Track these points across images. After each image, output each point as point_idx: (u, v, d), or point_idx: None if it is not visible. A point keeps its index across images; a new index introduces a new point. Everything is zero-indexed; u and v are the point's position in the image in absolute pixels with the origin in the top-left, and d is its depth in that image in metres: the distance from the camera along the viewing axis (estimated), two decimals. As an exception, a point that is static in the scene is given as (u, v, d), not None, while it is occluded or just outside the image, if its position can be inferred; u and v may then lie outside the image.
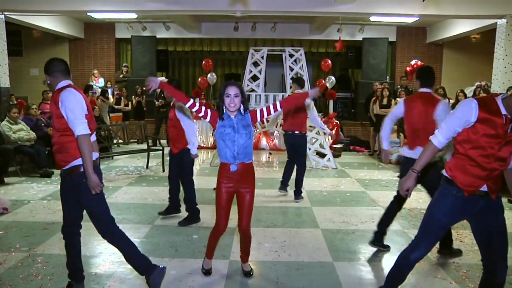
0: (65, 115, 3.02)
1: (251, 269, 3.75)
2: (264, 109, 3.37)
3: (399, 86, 11.81)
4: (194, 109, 3.31)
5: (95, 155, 3.19)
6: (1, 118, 8.30)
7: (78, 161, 3.09)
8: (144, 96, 12.47)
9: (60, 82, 3.15)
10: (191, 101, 3.31)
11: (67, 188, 3.20)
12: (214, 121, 3.34)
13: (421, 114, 4.02)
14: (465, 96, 8.53)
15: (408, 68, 12.35)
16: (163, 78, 11.45)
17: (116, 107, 12.18)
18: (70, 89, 3.09)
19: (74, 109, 3.02)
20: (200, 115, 3.32)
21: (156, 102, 11.34)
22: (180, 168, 5.29)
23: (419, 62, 12.02)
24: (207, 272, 3.73)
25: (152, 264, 3.33)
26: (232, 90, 3.25)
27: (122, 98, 12.34)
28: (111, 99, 12.18)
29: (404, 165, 4.18)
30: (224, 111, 3.33)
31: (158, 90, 11.41)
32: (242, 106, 3.33)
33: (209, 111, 3.35)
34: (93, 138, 3.25)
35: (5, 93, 9.59)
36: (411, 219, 5.45)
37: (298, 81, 6.27)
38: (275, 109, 3.36)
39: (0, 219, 5.28)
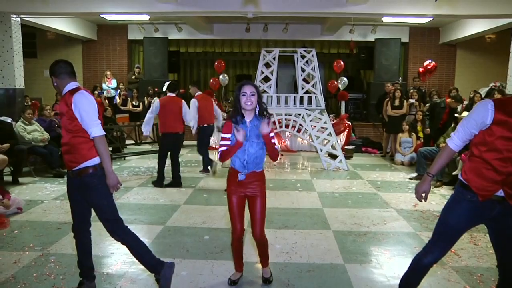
0: (79, 117, 3.06)
1: (271, 274, 3.63)
2: (276, 143, 3.30)
3: (411, 87, 11.71)
4: (224, 146, 3.23)
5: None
6: (16, 119, 8.38)
7: (89, 163, 3.13)
8: (156, 97, 12.52)
9: (68, 84, 3.18)
10: (222, 149, 3.23)
11: (74, 187, 3.23)
12: (230, 130, 3.23)
13: None
14: (481, 97, 8.42)
15: (420, 69, 12.24)
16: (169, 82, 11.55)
17: (122, 108, 12.22)
18: (83, 92, 3.14)
19: (89, 111, 3.08)
20: (228, 141, 3.23)
21: None
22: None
23: (432, 63, 11.87)
24: (232, 282, 3.57)
25: (161, 261, 3.38)
26: (248, 89, 3.20)
27: (128, 99, 12.40)
28: (117, 100, 12.26)
29: None
30: (240, 115, 3.26)
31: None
32: (258, 107, 3.27)
33: (223, 135, 3.26)
34: None
35: (20, 94, 9.70)
36: (424, 221, 5.39)
37: (170, 86, 7.29)
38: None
39: (14, 218, 5.33)
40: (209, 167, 8.05)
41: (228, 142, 3.24)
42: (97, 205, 3.21)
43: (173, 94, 7.21)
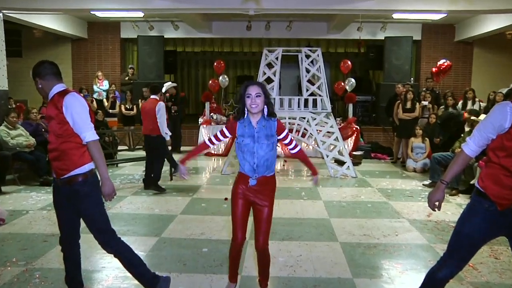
0: (71, 121, 3.06)
1: None
2: (287, 138, 3.37)
3: (424, 89, 11.70)
4: (221, 140, 3.41)
5: (93, 164, 3.23)
6: (-1, 122, 8.37)
7: (80, 170, 3.12)
8: None
9: (55, 86, 3.18)
10: (210, 144, 3.46)
11: (63, 196, 3.21)
12: (234, 132, 3.28)
13: None
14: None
15: (433, 69, 12.24)
16: (169, 83, 11.58)
17: (111, 111, 12.22)
18: (74, 94, 3.14)
19: (82, 114, 3.09)
20: (224, 139, 3.38)
21: (173, 107, 11.47)
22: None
23: (446, 62, 11.86)
24: None
25: (156, 275, 3.39)
26: (253, 90, 3.17)
27: (117, 102, 12.41)
28: (105, 103, 12.27)
29: None
30: (246, 116, 3.25)
31: (168, 95, 11.63)
32: (266, 109, 3.24)
33: (225, 130, 3.34)
34: None
35: (3, 96, 9.64)
36: (438, 232, 5.38)
37: (152, 89, 7.50)
38: (291, 149, 3.46)
39: (-3, 230, 5.32)
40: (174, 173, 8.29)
41: (220, 140, 3.42)
42: (89, 215, 3.20)
43: (156, 97, 7.42)
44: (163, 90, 11.79)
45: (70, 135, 3.09)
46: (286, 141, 3.37)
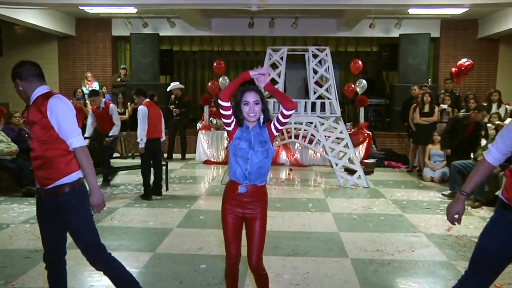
0: (56, 125, 3.07)
1: None
2: (274, 121, 3.30)
3: (442, 91, 11.68)
4: (227, 112, 3.24)
5: (81, 172, 3.23)
6: (-22, 128, 8.38)
7: (67, 179, 3.13)
8: None
9: (38, 88, 3.18)
10: (228, 104, 3.24)
11: (49, 209, 3.20)
12: (234, 131, 3.30)
13: None
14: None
15: (453, 69, 12.23)
16: (176, 84, 11.57)
17: None
18: (60, 96, 3.14)
19: (68, 118, 3.10)
20: (229, 121, 3.27)
21: (175, 110, 11.50)
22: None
23: (467, 62, 11.82)
24: None
25: None
26: (251, 97, 3.20)
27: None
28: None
29: None
30: (244, 122, 3.28)
31: (173, 96, 11.69)
32: (262, 116, 3.28)
33: (234, 119, 3.31)
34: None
35: (-18, 99, 9.68)
36: (460, 248, 5.36)
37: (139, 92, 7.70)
38: (284, 116, 3.26)
39: (-23, 245, 5.33)
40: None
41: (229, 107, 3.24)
42: (76, 228, 3.20)
43: (148, 100, 7.75)
44: (168, 89, 11.86)
45: (55, 141, 3.09)
46: (277, 126, 3.28)
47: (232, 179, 3.31)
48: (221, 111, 3.27)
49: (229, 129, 3.29)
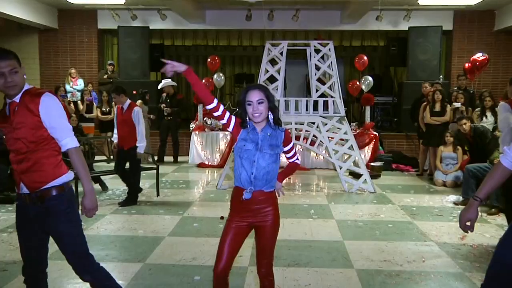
0: (48, 124, 3.06)
1: None
2: (295, 157, 3.56)
3: (455, 88, 11.70)
4: (216, 113, 3.25)
5: (70, 175, 3.23)
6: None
7: (56, 182, 3.12)
8: None
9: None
10: (215, 102, 3.23)
11: (30, 216, 3.16)
12: (237, 131, 3.28)
13: None
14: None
15: (467, 65, 12.24)
16: (168, 81, 11.58)
17: (87, 115, 12.22)
18: (50, 94, 3.12)
19: (62, 118, 3.12)
20: (222, 122, 3.28)
21: (166, 109, 11.50)
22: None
23: (483, 56, 11.79)
24: None
25: None
26: (254, 96, 3.18)
27: (94, 104, 12.41)
28: (80, 106, 12.24)
29: None
30: (249, 123, 3.27)
31: (164, 94, 11.69)
32: (271, 116, 3.26)
33: (233, 117, 3.29)
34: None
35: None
36: (475, 259, 5.36)
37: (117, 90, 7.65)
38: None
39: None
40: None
41: (223, 115, 3.25)
42: (65, 235, 3.18)
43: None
44: (159, 86, 11.87)
45: (45, 141, 3.08)
46: (290, 154, 3.51)
47: (237, 185, 3.30)
48: (213, 114, 3.28)
49: (229, 129, 3.29)
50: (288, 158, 3.52)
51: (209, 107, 3.23)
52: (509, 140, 2.68)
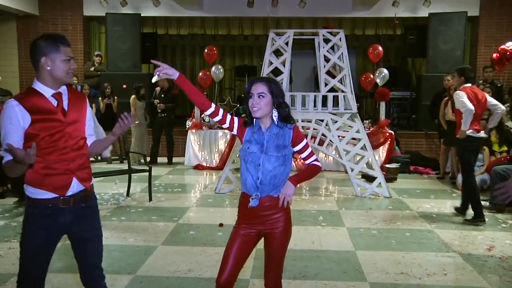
0: (88, 121, 3.35)
1: None
2: (312, 157, 3.43)
3: (481, 81, 11.62)
4: (216, 119, 3.31)
5: None
6: None
7: (92, 180, 3.41)
8: (115, 97, 12.47)
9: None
10: (213, 107, 3.29)
11: (67, 223, 3.16)
12: (242, 133, 3.32)
13: None
14: None
15: (495, 55, 12.18)
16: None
17: None
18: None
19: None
20: (225, 126, 3.34)
21: (160, 105, 11.53)
22: None
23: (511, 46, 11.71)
24: None
25: None
26: (256, 88, 3.22)
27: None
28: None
29: None
30: (255, 120, 3.30)
31: (158, 89, 11.71)
32: (276, 113, 3.28)
33: (235, 119, 3.34)
34: None
35: None
36: (505, 272, 5.33)
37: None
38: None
39: None
40: None
41: (225, 119, 3.32)
42: (99, 237, 3.34)
43: None
44: (153, 80, 11.86)
45: (85, 136, 3.32)
46: (304, 155, 3.40)
47: (243, 191, 3.34)
48: (214, 119, 3.36)
49: (233, 132, 3.35)
50: (303, 160, 3.44)
51: (208, 112, 3.29)
52: None
